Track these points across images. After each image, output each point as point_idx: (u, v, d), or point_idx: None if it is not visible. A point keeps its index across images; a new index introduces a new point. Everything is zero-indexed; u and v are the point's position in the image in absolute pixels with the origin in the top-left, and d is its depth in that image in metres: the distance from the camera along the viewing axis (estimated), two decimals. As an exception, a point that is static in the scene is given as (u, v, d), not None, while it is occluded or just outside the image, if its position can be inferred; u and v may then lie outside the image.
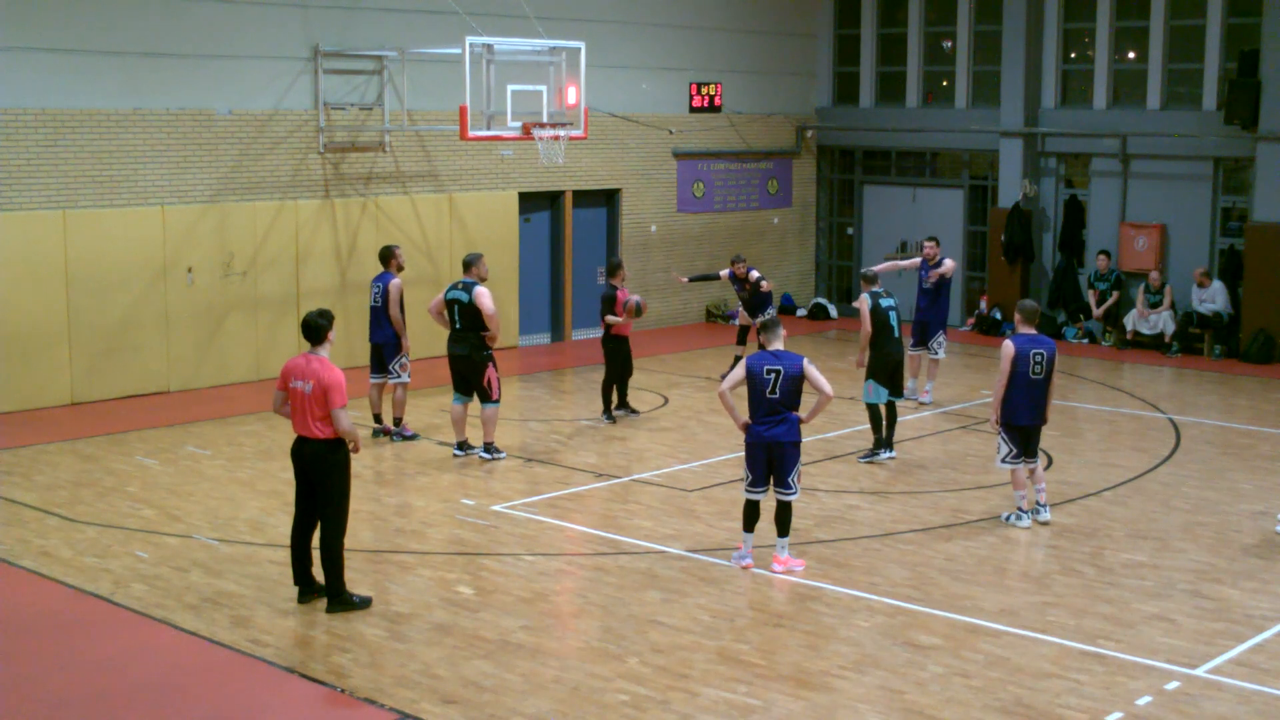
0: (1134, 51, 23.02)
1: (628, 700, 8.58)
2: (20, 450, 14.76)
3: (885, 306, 14.53)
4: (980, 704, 8.57)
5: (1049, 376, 12.15)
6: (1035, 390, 12.13)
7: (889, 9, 25.48)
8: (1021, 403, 12.11)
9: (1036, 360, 12.06)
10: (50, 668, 9.11)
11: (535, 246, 22.08)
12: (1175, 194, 22.40)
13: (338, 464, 10.00)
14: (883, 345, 14.50)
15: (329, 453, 9.96)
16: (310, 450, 9.98)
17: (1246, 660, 9.32)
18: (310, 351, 10.15)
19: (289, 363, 10.22)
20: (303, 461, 10.05)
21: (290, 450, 10.19)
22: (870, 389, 14.58)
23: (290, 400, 10.10)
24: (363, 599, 10.20)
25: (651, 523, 12.38)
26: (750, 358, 10.92)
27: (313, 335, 10.17)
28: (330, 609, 10.08)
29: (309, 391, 9.93)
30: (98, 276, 16.98)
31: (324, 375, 9.91)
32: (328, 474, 9.98)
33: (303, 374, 10.01)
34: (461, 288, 14.21)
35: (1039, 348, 12.12)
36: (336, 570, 10.06)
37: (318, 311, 10.41)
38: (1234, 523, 12.54)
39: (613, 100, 22.21)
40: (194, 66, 17.77)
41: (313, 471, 10.01)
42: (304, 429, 9.99)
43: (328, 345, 10.20)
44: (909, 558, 11.44)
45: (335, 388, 9.86)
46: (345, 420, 9.92)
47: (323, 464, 9.96)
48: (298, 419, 10.03)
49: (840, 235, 26.49)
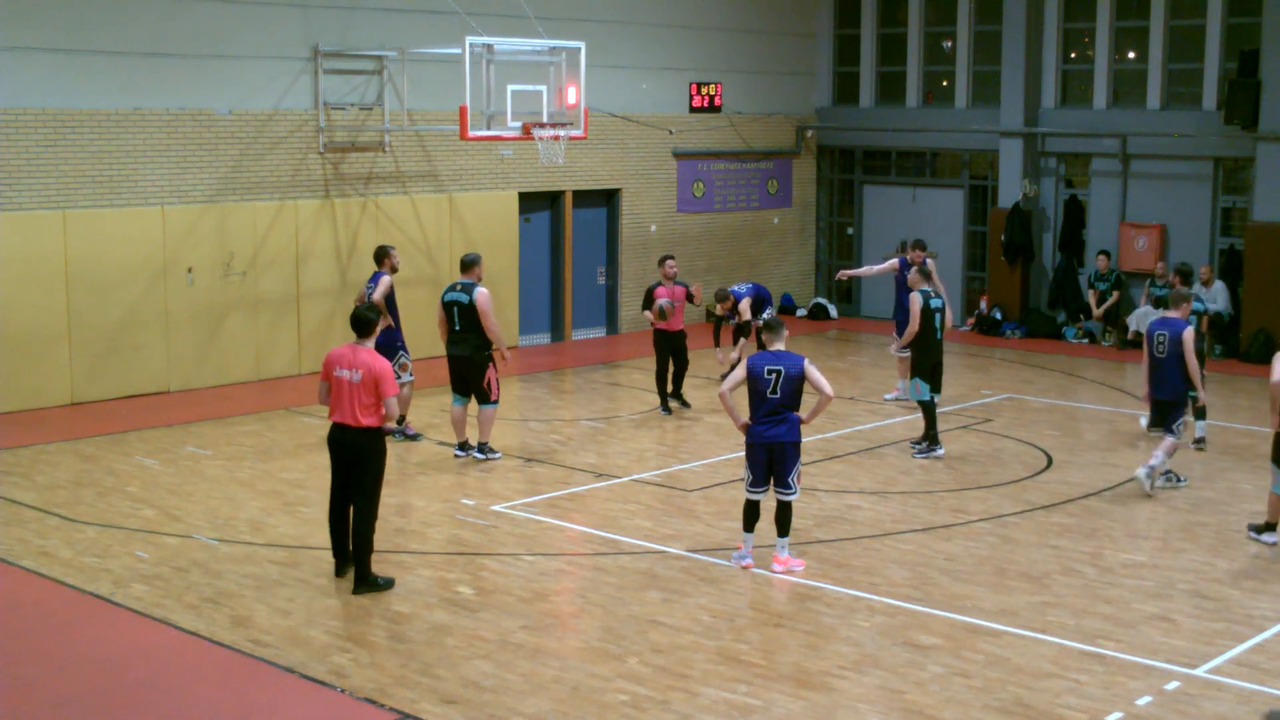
0: (1134, 51, 23.03)
1: (628, 700, 8.58)
2: (20, 450, 14.76)
3: (934, 307, 14.93)
4: (980, 704, 8.57)
5: (1174, 355, 13.35)
6: (1161, 367, 13.45)
7: (889, 9, 25.49)
8: (1152, 378, 13.57)
9: (1159, 340, 13.47)
10: (50, 668, 9.11)
11: (535, 246, 22.08)
12: (1175, 194, 22.41)
13: (378, 452, 10.42)
14: (927, 344, 14.88)
15: (370, 441, 10.37)
16: (352, 438, 10.36)
17: (1246, 660, 9.32)
18: (356, 343, 10.54)
19: (332, 353, 10.59)
20: (343, 448, 10.42)
21: (328, 437, 10.52)
22: (916, 386, 14.94)
23: (334, 389, 10.43)
24: (386, 580, 10.60)
25: (651, 523, 12.38)
26: (751, 358, 10.93)
27: (363, 328, 10.59)
28: (356, 590, 10.44)
29: (357, 380, 10.29)
30: (98, 276, 16.98)
31: (374, 365, 10.31)
32: (368, 461, 10.39)
33: (350, 363, 10.36)
34: (461, 289, 14.17)
35: (1164, 329, 13.52)
36: (366, 554, 10.47)
37: (366, 305, 10.83)
38: (1234, 523, 12.53)
39: (613, 100, 22.22)
40: (194, 66, 17.78)
41: (354, 458, 10.40)
42: (348, 417, 10.35)
43: (373, 338, 10.64)
44: (909, 558, 11.44)
45: (386, 377, 10.29)
46: (396, 406, 10.44)
47: (363, 452, 10.36)
48: (342, 407, 10.37)
49: (840, 235, 26.49)
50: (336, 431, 10.44)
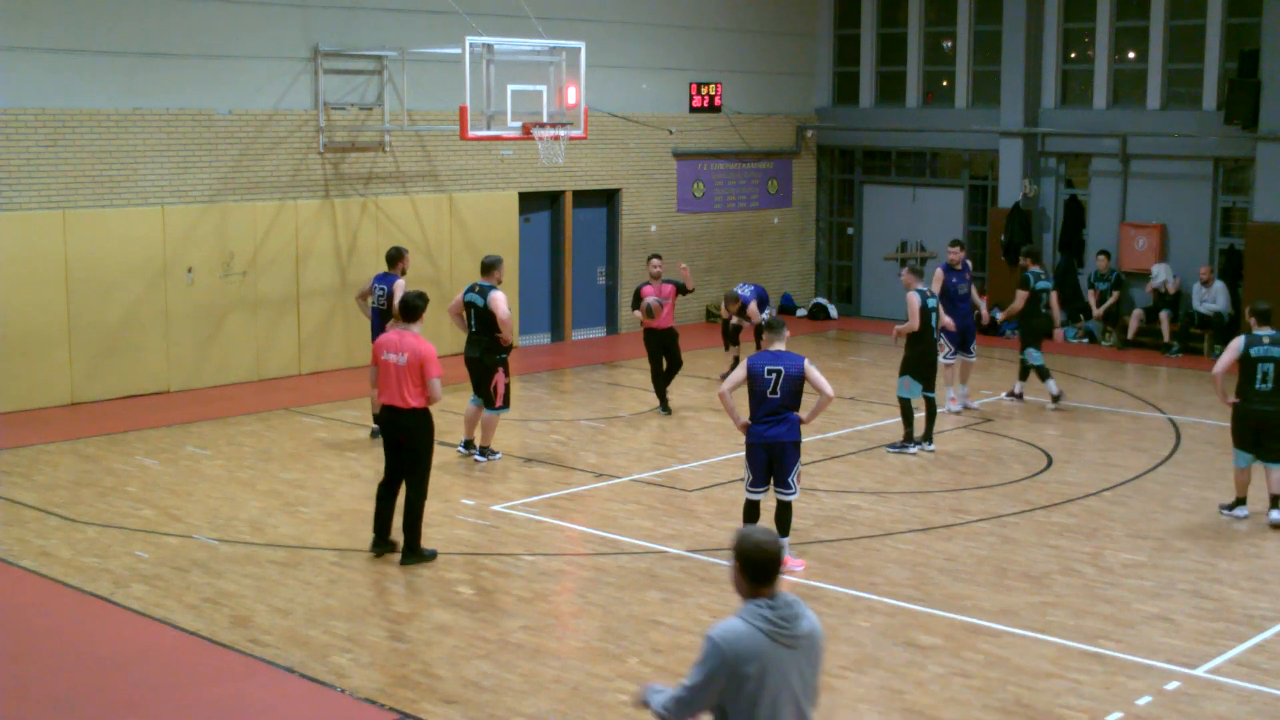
0: (1134, 51, 23.02)
1: (628, 700, 8.58)
2: (20, 450, 14.76)
3: (930, 307, 15.04)
4: (980, 704, 8.57)
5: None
6: None
7: (889, 9, 25.48)
8: None
9: None
10: (50, 668, 9.11)
11: (535, 246, 22.08)
12: (1175, 194, 22.40)
13: (426, 431, 11.00)
14: (922, 343, 14.96)
15: (418, 421, 10.93)
16: (401, 419, 10.92)
17: (1246, 660, 9.32)
18: (403, 328, 11.09)
19: (380, 339, 11.17)
20: (394, 430, 11.00)
21: (378, 418, 11.35)
22: (906, 384, 14.96)
23: (381, 373, 10.96)
24: (431, 552, 11.22)
25: (651, 523, 12.38)
26: (751, 358, 10.93)
27: (410, 314, 11.15)
28: (404, 561, 11.06)
29: (403, 363, 10.84)
30: (98, 276, 16.98)
31: (420, 348, 10.85)
32: (417, 441, 10.96)
33: (396, 348, 10.91)
34: (478, 291, 14.19)
35: None
36: (416, 526, 11.05)
37: (415, 293, 11.34)
38: (1234, 523, 12.54)
39: (613, 100, 22.21)
40: (194, 66, 17.77)
41: (403, 439, 10.96)
42: (396, 399, 10.89)
43: (419, 324, 11.14)
44: (909, 558, 11.44)
45: (431, 359, 10.84)
46: (440, 388, 10.94)
47: (413, 432, 10.92)
48: (390, 390, 10.91)
49: (840, 235, 26.48)
50: (387, 413, 11.03)
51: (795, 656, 5.17)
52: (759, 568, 5.14)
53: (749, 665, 5.07)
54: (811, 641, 5.23)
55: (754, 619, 5.13)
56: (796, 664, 5.17)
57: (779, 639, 5.12)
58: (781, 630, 5.13)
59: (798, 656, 5.18)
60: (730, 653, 5.09)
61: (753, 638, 5.10)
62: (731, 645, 5.10)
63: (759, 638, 5.11)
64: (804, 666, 5.21)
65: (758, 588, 5.17)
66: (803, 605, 5.25)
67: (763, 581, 5.16)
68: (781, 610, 5.14)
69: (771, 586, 5.17)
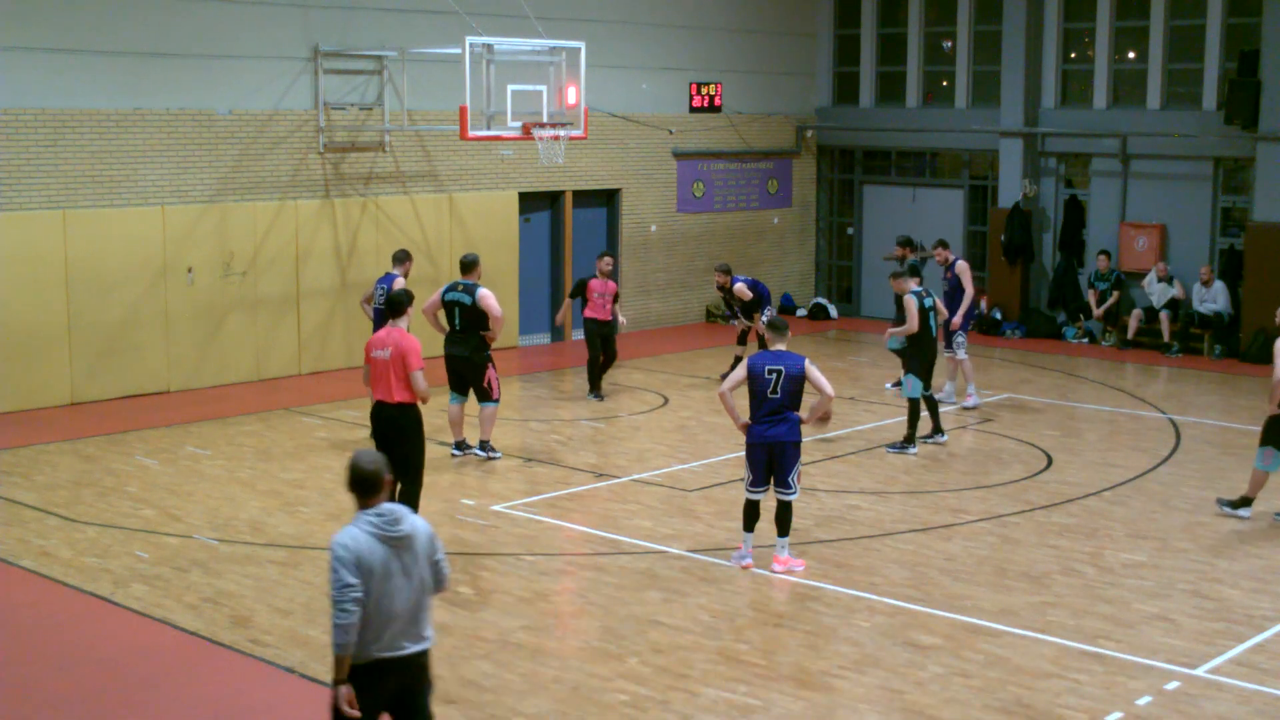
0: (1134, 51, 23.03)
1: (628, 700, 8.58)
2: (20, 450, 14.76)
3: (927, 306, 15.23)
4: (980, 704, 8.57)
5: None
6: None
7: (889, 9, 25.48)
8: None
9: None
10: (50, 668, 9.11)
11: (535, 246, 22.08)
12: (1175, 194, 22.40)
13: (413, 425, 11.17)
14: (923, 342, 15.12)
15: (404, 415, 11.12)
16: (387, 413, 11.13)
17: (1246, 660, 9.32)
18: (391, 324, 11.31)
19: (372, 337, 11.46)
20: (380, 423, 11.18)
21: (370, 413, 11.37)
22: (910, 384, 15.07)
23: (372, 369, 11.23)
24: None
25: (651, 523, 12.38)
26: (752, 357, 10.93)
27: (395, 309, 11.41)
28: None
29: (388, 358, 11.07)
30: (98, 276, 16.98)
31: (401, 342, 11.08)
32: (404, 435, 11.12)
33: (382, 343, 11.18)
34: (462, 289, 14.15)
35: None
36: None
37: (401, 290, 11.69)
38: (1234, 523, 12.54)
39: (613, 100, 22.21)
40: (194, 66, 17.77)
41: (391, 432, 11.10)
42: (384, 394, 11.12)
43: (406, 318, 11.38)
44: (909, 558, 11.44)
45: (412, 351, 11.03)
46: (422, 381, 11.06)
47: (399, 426, 11.09)
48: (379, 385, 11.15)
49: (840, 235, 26.48)
50: (375, 408, 11.23)
51: (400, 552, 6.45)
52: (361, 484, 6.47)
53: (364, 559, 6.35)
54: (412, 540, 6.50)
55: (363, 525, 6.44)
56: (401, 558, 6.46)
57: (384, 539, 6.41)
58: (386, 532, 6.42)
59: (402, 552, 6.46)
60: (350, 552, 6.35)
61: (365, 538, 6.40)
62: (348, 546, 6.37)
63: (368, 538, 6.40)
64: (408, 560, 6.48)
65: (364, 500, 6.48)
66: (405, 512, 6.51)
67: (366, 495, 6.48)
68: (386, 517, 6.45)
69: (375, 499, 6.47)
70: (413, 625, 6.52)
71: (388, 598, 6.39)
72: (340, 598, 6.30)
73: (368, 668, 6.44)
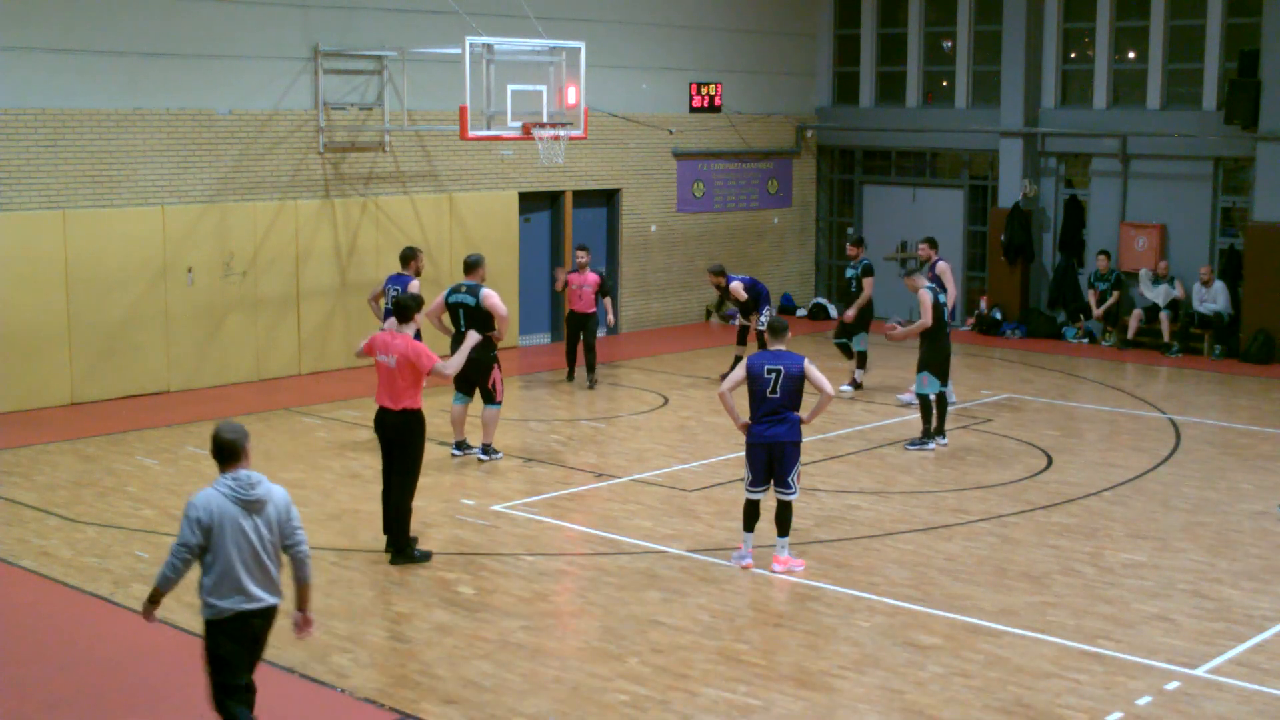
0: (1134, 51, 23.03)
1: (628, 700, 8.58)
2: (20, 450, 14.76)
3: (941, 302, 15.23)
4: (980, 704, 8.57)
5: None
6: None
7: (889, 9, 25.48)
8: None
9: None
10: (50, 668, 9.11)
11: (535, 246, 22.08)
12: (1175, 194, 22.40)
13: (416, 432, 11.08)
14: (938, 338, 15.13)
15: (407, 423, 11.02)
16: (391, 420, 11.04)
17: (1246, 660, 9.32)
18: (396, 329, 11.16)
19: (375, 335, 11.28)
20: (384, 430, 11.12)
21: (374, 420, 11.24)
22: (924, 380, 15.08)
23: (377, 375, 11.13)
24: (423, 553, 11.20)
25: (651, 523, 12.38)
26: (751, 357, 10.93)
27: (402, 314, 11.22)
28: (394, 561, 11.09)
29: (393, 365, 10.95)
30: (98, 276, 16.98)
31: (407, 349, 10.94)
32: (406, 442, 11.07)
33: (386, 349, 11.05)
34: (466, 291, 14.11)
35: None
36: (404, 527, 11.14)
37: (409, 294, 11.53)
38: (1234, 523, 12.54)
39: (613, 100, 22.21)
40: (194, 66, 17.77)
41: (394, 438, 11.06)
42: (387, 400, 11.03)
43: (413, 325, 11.26)
44: (909, 558, 11.44)
45: (421, 354, 10.94)
46: (450, 367, 11.30)
47: (402, 432, 11.03)
48: (383, 392, 11.06)
49: (840, 235, 26.46)
50: (379, 414, 11.16)
51: (251, 515, 7.04)
52: (220, 451, 7.10)
53: (215, 518, 6.95)
54: (264, 505, 7.06)
55: (220, 487, 7.03)
56: (253, 521, 7.04)
57: (238, 501, 7.00)
58: (240, 494, 7.00)
59: (253, 515, 7.04)
60: (202, 510, 6.97)
61: (218, 499, 7.00)
62: (202, 505, 6.99)
63: (222, 499, 7.00)
64: (260, 524, 7.06)
65: (224, 466, 7.09)
66: (261, 478, 7.10)
67: (226, 461, 7.09)
68: (242, 481, 7.04)
69: (234, 465, 7.08)
70: (267, 581, 7.16)
71: (241, 552, 7.01)
72: (176, 552, 7.01)
73: (234, 619, 7.12)
